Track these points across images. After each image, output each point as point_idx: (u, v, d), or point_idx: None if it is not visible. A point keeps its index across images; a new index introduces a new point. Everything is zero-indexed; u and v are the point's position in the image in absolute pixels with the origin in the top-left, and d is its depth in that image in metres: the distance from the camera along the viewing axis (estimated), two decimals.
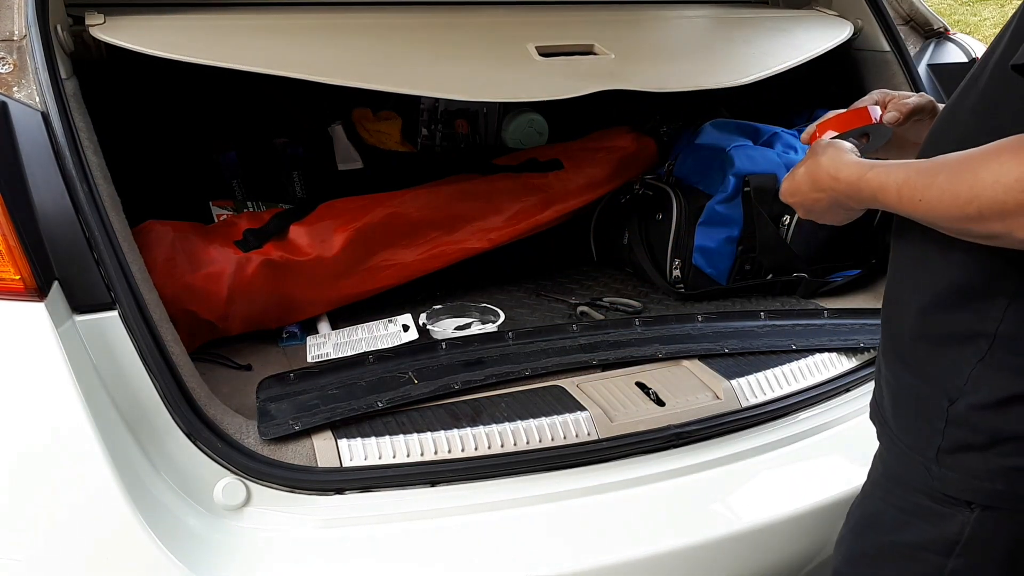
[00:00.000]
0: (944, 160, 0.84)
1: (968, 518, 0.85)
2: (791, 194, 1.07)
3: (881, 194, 0.90)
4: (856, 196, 0.96)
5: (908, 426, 0.93)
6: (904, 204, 0.87)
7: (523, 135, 2.27)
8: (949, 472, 0.86)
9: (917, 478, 0.90)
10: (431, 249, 1.80)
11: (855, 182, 0.95)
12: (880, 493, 0.96)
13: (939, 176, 0.82)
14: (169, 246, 1.57)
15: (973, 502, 0.85)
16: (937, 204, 0.82)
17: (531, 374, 1.44)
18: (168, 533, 1.12)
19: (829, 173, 0.99)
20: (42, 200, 1.16)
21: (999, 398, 0.83)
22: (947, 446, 0.87)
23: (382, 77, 1.46)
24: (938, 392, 0.88)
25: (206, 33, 1.51)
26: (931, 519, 0.88)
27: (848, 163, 0.98)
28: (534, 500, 1.27)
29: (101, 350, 1.16)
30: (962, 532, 0.85)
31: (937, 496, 0.87)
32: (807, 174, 1.03)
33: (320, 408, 1.31)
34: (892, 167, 0.91)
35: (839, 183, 0.98)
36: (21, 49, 1.23)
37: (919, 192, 0.84)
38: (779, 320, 1.66)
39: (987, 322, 0.84)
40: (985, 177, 0.76)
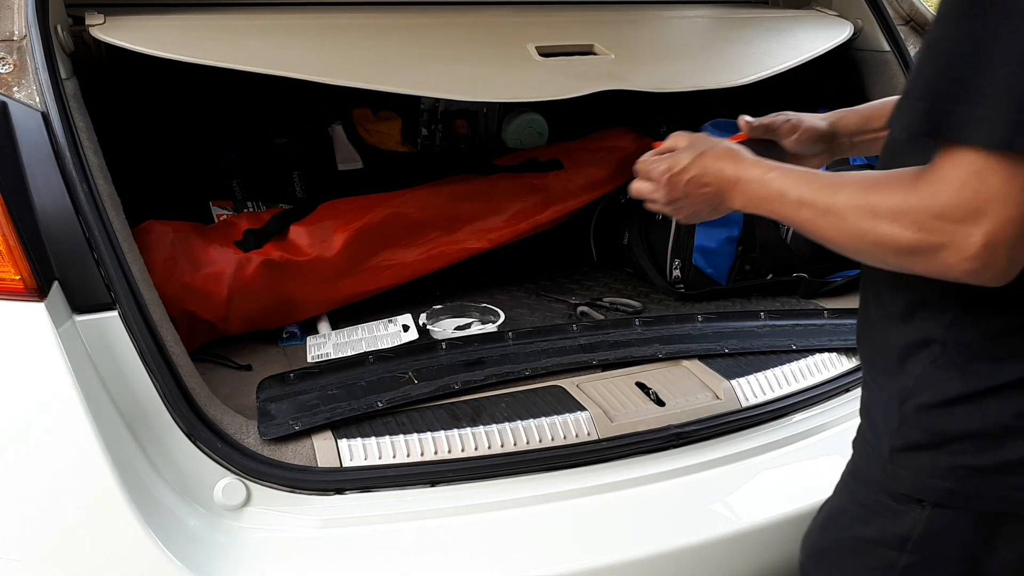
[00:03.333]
0: (848, 180, 0.84)
1: (920, 515, 0.86)
2: (662, 177, 1.06)
3: (779, 200, 0.91)
4: (751, 194, 0.97)
5: (869, 425, 0.95)
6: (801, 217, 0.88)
7: (523, 135, 2.27)
8: (901, 470, 0.88)
9: (875, 475, 0.92)
10: (431, 249, 1.80)
11: (756, 179, 0.95)
12: (845, 489, 0.98)
13: (841, 194, 0.83)
14: (169, 246, 1.57)
15: (925, 500, 0.86)
16: (831, 229, 0.84)
17: (531, 374, 1.44)
18: (168, 533, 1.12)
19: (731, 165, 1.00)
20: (42, 200, 1.16)
21: (946, 398, 0.85)
22: (899, 445, 0.89)
23: (382, 77, 1.45)
24: (892, 393, 0.90)
25: (206, 33, 1.51)
26: (887, 515, 0.89)
27: (751, 161, 0.99)
28: (534, 500, 1.27)
29: (101, 350, 1.16)
30: (914, 529, 0.86)
31: (893, 493, 0.89)
32: (696, 166, 1.03)
33: (320, 408, 1.31)
34: (795, 174, 0.91)
35: (735, 178, 0.98)
36: (21, 49, 1.23)
37: (817, 208, 0.85)
38: (779, 320, 1.66)
39: (937, 330, 0.85)
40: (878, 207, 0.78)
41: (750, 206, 0.99)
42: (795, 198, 0.89)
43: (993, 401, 0.82)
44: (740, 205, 1.01)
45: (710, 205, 1.06)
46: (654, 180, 1.09)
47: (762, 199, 0.95)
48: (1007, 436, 0.82)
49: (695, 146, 1.07)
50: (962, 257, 0.72)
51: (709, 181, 1.03)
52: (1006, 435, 0.82)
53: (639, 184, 1.12)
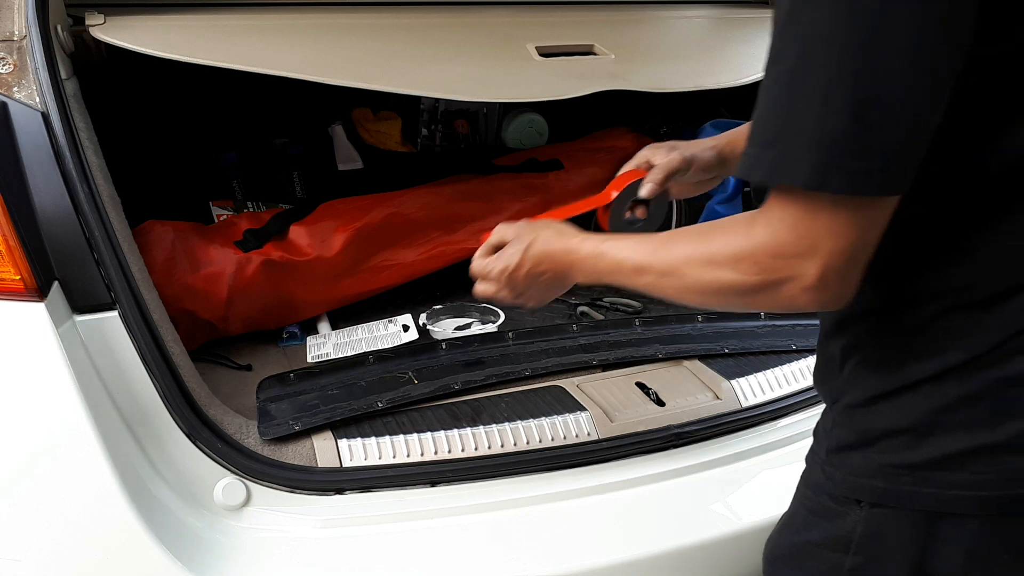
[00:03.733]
0: (681, 236, 0.89)
1: (859, 516, 0.86)
2: (501, 276, 1.12)
3: (618, 271, 0.95)
4: (588, 271, 1.01)
5: (814, 432, 0.97)
6: (644, 283, 0.92)
7: (523, 135, 2.27)
8: (836, 471, 0.89)
9: (817, 478, 0.92)
10: (431, 249, 1.80)
11: (591, 256, 1.00)
12: (797, 494, 0.98)
13: (676, 253, 0.88)
14: (169, 246, 1.57)
15: (862, 500, 0.86)
16: (674, 288, 0.88)
17: (531, 374, 1.44)
18: (168, 533, 1.12)
19: (562, 248, 1.05)
20: (42, 200, 1.16)
21: (869, 396, 0.86)
22: (833, 446, 0.90)
23: (382, 77, 1.45)
24: (827, 397, 0.93)
25: (206, 33, 1.51)
26: (830, 518, 0.90)
27: (580, 237, 1.03)
28: (534, 500, 1.27)
29: (101, 350, 1.16)
30: (855, 530, 0.86)
31: (833, 495, 0.89)
32: (529, 258, 1.09)
33: (320, 408, 1.31)
34: (627, 241, 0.95)
35: (569, 261, 1.04)
36: (21, 49, 1.23)
37: (656, 272, 0.89)
38: (779, 320, 1.66)
39: (864, 335, 0.87)
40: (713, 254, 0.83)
41: (592, 280, 1.03)
42: (632, 266, 0.93)
43: (912, 397, 0.83)
44: (583, 280, 1.06)
45: (555, 287, 1.12)
46: (494, 280, 1.14)
47: (601, 273, 1.00)
48: (930, 432, 0.82)
49: (522, 237, 1.11)
50: (801, 289, 0.77)
51: (545, 268, 1.08)
52: (929, 431, 0.82)
53: (481, 287, 1.17)
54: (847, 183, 0.71)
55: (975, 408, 0.80)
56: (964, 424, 0.80)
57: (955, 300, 0.80)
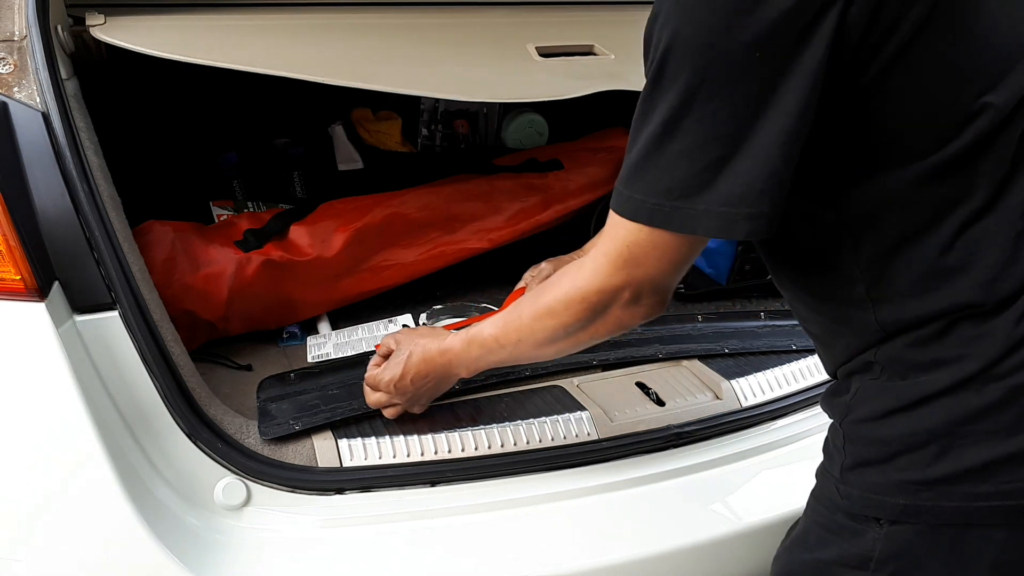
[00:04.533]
0: (525, 300, 1.05)
1: (879, 534, 0.85)
2: (389, 386, 1.25)
3: (485, 353, 1.12)
4: (466, 363, 1.17)
5: (824, 447, 0.96)
6: (506, 355, 1.10)
7: (523, 135, 2.27)
8: (853, 489, 0.88)
9: (831, 496, 0.91)
10: (431, 249, 1.80)
11: (460, 349, 1.16)
12: (808, 511, 0.98)
13: (521, 316, 1.04)
14: (169, 246, 1.57)
15: (881, 518, 0.85)
16: (529, 347, 1.05)
17: (531, 374, 1.44)
18: (168, 533, 1.12)
19: (437, 350, 1.20)
20: (42, 200, 1.16)
21: (884, 411, 0.85)
22: (848, 463, 0.89)
23: (382, 77, 1.45)
24: (837, 412, 0.92)
25: (206, 33, 1.51)
26: (846, 536, 0.88)
27: (451, 336, 1.19)
28: (534, 500, 1.27)
29: (101, 350, 1.16)
30: (874, 548, 0.85)
31: (849, 513, 0.88)
32: (412, 366, 1.22)
33: (320, 408, 1.31)
34: (487, 323, 1.11)
35: (446, 361, 1.19)
36: (21, 49, 1.23)
37: (510, 339, 1.07)
38: (779, 320, 1.66)
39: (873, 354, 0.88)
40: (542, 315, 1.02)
41: (473, 371, 1.19)
42: (491, 343, 1.09)
43: (929, 410, 0.82)
44: (466, 374, 1.21)
45: (441, 387, 1.26)
46: (383, 391, 1.26)
47: (474, 360, 1.15)
48: (951, 445, 0.81)
49: (403, 346, 1.25)
50: (622, 309, 0.92)
51: (427, 372, 1.22)
52: (949, 444, 0.81)
53: (375, 397, 1.27)
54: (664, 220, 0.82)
55: (995, 418, 0.79)
56: (985, 435, 0.79)
57: (960, 314, 0.80)
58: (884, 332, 0.85)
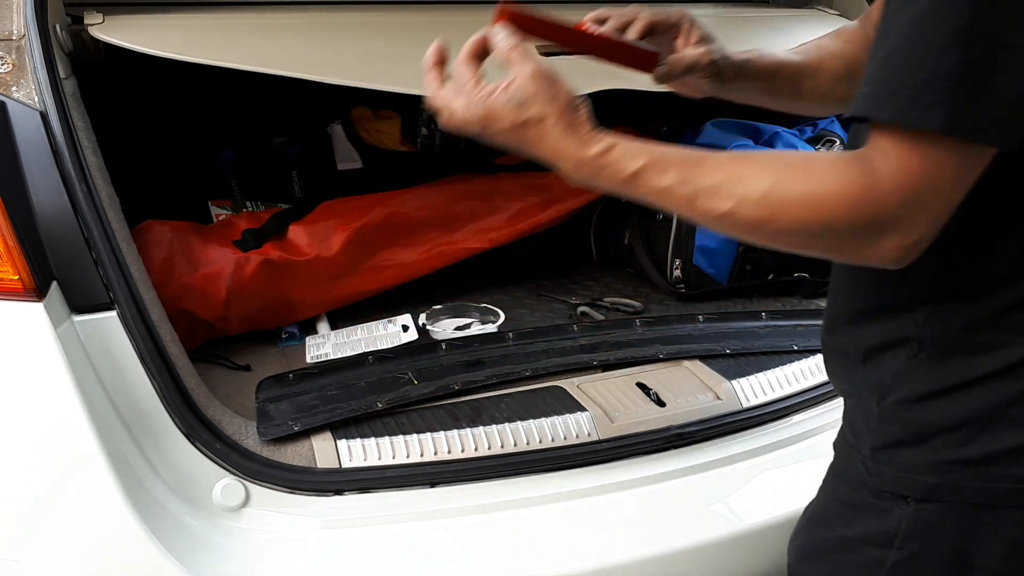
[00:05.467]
0: (760, 159, 0.80)
1: (905, 511, 0.85)
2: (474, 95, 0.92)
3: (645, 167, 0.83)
4: (603, 161, 0.86)
5: (848, 424, 0.94)
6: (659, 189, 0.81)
7: None
8: (884, 467, 0.87)
9: (857, 473, 0.90)
10: (431, 249, 1.79)
11: (604, 144, 0.87)
12: (827, 488, 0.97)
13: (765, 179, 0.76)
14: (168, 246, 1.57)
15: (909, 496, 0.85)
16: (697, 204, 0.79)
17: (531, 375, 1.43)
18: (167, 534, 1.12)
19: (570, 102, 0.90)
20: (41, 200, 1.16)
21: (924, 393, 0.84)
22: (880, 442, 0.88)
23: (382, 77, 1.45)
24: (868, 390, 0.89)
25: (205, 33, 1.51)
26: (871, 513, 0.88)
27: (607, 147, 0.87)
28: (534, 501, 1.26)
29: (100, 350, 1.16)
30: (900, 525, 0.85)
31: (875, 491, 0.88)
32: (515, 138, 0.91)
33: (319, 409, 1.31)
34: (678, 159, 0.83)
35: (578, 119, 0.89)
36: (20, 49, 1.23)
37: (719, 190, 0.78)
38: (780, 320, 1.66)
39: (912, 327, 0.84)
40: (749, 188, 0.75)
41: (586, 168, 0.89)
42: (688, 193, 0.80)
43: (972, 393, 0.81)
44: (570, 163, 0.90)
45: (520, 139, 0.94)
46: (460, 117, 0.94)
47: (612, 161, 0.86)
48: (987, 427, 0.81)
49: (524, 104, 0.93)
50: (901, 245, 0.72)
51: (540, 153, 0.92)
52: (986, 426, 0.81)
53: (444, 90, 0.98)
54: (981, 132, 0.67)
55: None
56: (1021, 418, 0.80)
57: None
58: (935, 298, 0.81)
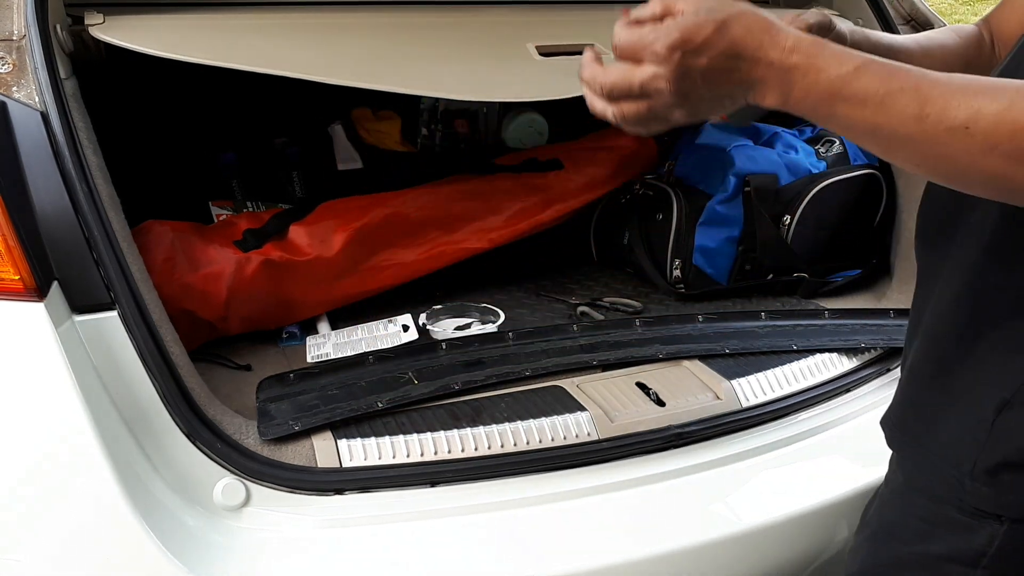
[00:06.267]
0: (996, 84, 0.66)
1: (997, 531, 0.82)
2: (671, 54, 0.71)
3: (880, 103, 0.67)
4: (823, 88, 0.69)
5: (932, 433, 0.88)
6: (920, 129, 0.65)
7: (523, 135, 2.27)
8: (984, 487, 0.83)
9: (946, 490, 0.86)
10: (431, 249, 1.79)
11: (849, 71, 0.68)
12: (900, 503, 0.92)
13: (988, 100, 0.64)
14: (168, 246, 1.57)
15: (1003, 515, 0.82)
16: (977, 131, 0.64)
17: (531, 374, 1.43)
18: (167, 533, 1.12)
19: (778, 42, 0.69)
20: (41, 200, 1.16)
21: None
22: (987, 461, 0.82)
23: (382, 77, 1.45)
24: (978, 403, 0.82)
25: (206, 33, 1.51)
26: (957, 531, 0.84)
27: (813, 39, 0.69)
28: (534, 500, 1.26)
29: (100, 350, 1.16)
30: (991, 544, 0.82)
31: (966, 509, 0.84)
32: (724, 37, 0.70)
33: (320, 408, 1.31)
34: (902, 68, 0.68)
35: (798, 62, 0.69)
36: (20, 49, 1.23)
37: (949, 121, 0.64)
38: (780, 320, 1.66)
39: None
40: None
41: (804, 104, 0.70)
42: (912, 106, 0.65)
43: None
44: (779, 102, 0.71)
45: (731, 97, 0.74)
46: (656, 60, 0.73)
47: (842, 97, 0.68)
48: None
49: (713, 8, 0.71)
50: None
51: (742, 64, 0.71)
52: None
53: (619, 71, 0.78)
54: None
55: None
56: None
57: None
58: None
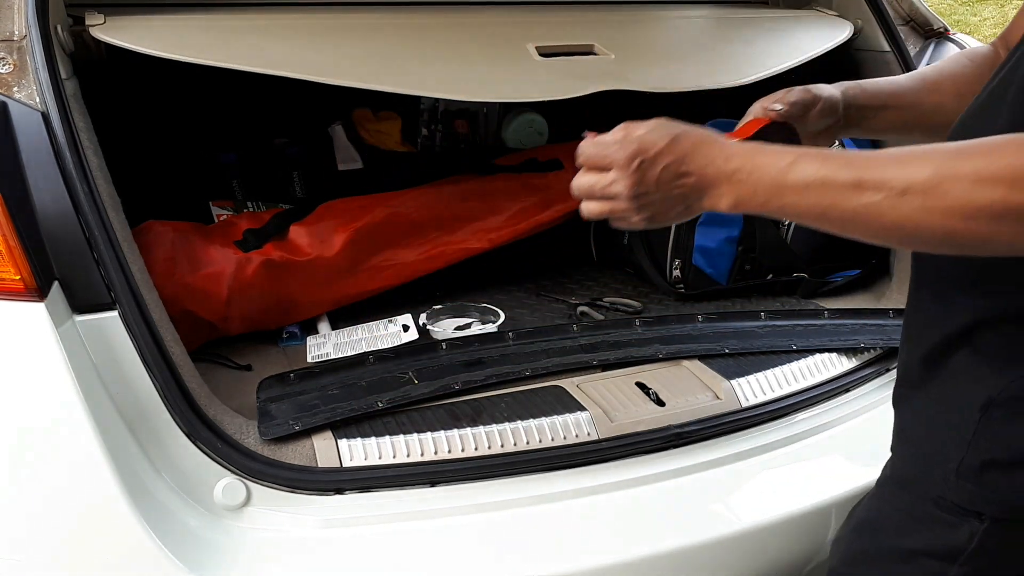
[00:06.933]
0: (928, 151, 0.74)
1: (977, 528, 0.82)
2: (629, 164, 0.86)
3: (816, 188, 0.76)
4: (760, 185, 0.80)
5: (924, 431, 0.89)
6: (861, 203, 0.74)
7: (523, 135, 2.27)
8: (969, 485, 0.83)
9: (930, 486, 0.86)
10: (431, 249, 1.80)
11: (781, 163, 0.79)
12: (886, 496, 0.93)
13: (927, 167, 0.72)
14: (169, 246, 1.57)
15: (985, 513, 0.82)
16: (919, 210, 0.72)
17: (531, 374, 1.43)
18: (168, 533, 1.12)
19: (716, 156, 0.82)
20: (42, 200, 1.16)
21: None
22: (972, 458, 0.83)
23: (382, 77, 1.45)
24: (967, 402, 0.83)
25: (206, 33, 1.51)
26: (937, 527, 0.85)
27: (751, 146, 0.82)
28: (534, 500, 1.27)
29: (101, 350, 1.16)
30: (970, 542, 0.82)
31: (948, 506, 0.84)
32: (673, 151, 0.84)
33: (320, 408, 1.31)
34: (830, 153, 0.78)
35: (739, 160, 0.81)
36: (21, 49, 1.23)
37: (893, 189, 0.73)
38: (779, 320, 1.66)
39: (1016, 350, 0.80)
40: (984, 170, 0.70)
41: (752, 201, 0.81)
42: (848, 180, 0.74)
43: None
44: (731, 202, 0.83)
45: (684, 204, 0.86)
46: (616, 168, 0.87)
47: (784, 188, 0.78)
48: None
49: (665, 126, 0.87)
50: None
51: (691, 170, 0.84)
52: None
53: (587, 178, 0.91)
54: None
55: None
56: None
57: None
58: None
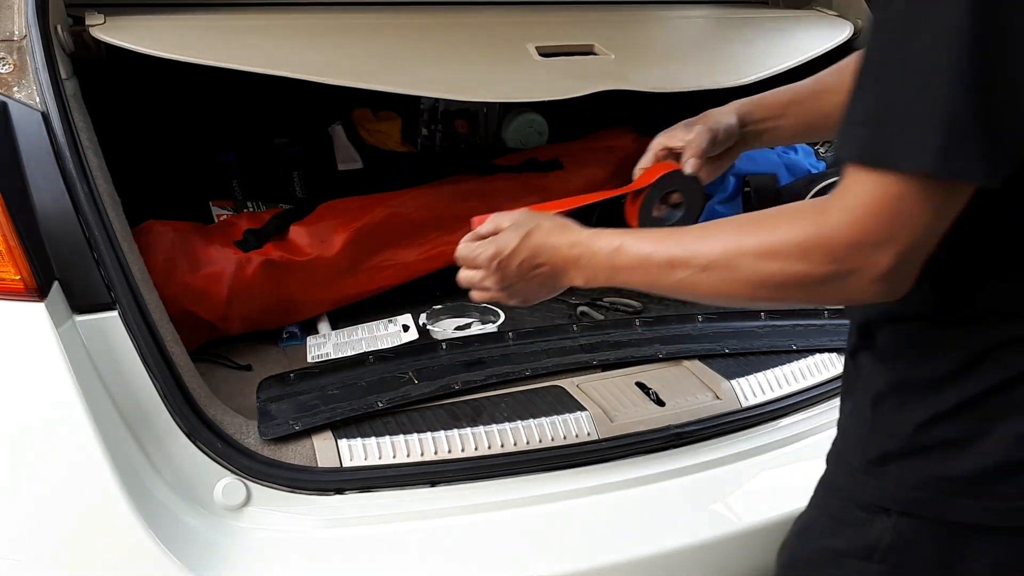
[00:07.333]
0: (722, 227, 0.85)
1: (887, 524, 0.84)
2: (491, 263, 1.04)
3: (640, 267, 0.90)
4: (597, 267, 0.95)
5: (843, 433, 0.93)
6: (674, 279, 0.86)
7: (523, 135, 2.27)
8: (870, 479, 0.86)
9: (844, 485, 0.90)
10: (431, 249, 1.80)
11: (605, 250, 0.94)
12: (817, 500, 0.96)
13: (721, 243, 0.82)
14: (169, 246, 1.57)
15: (891, 509, 0.84)
16: (719, 283, 0.83)
17: (531, 374, 1.44)
18: (168, 533, 1.12)
19: (566, 242, 0.99)
20: (42, 200, 1.16)
21: (923, 410, 0.83)
22: (870, 454, 0.87)
23: (382, 77, 1.45)
24: (861, 400, 0.89)
25: (206, 33, 1.51)
26: (855, 525, 0.87)
27: (589, 232, 0.97)
28: (534, 500, 1.27)
29: (101, 350, 1.16)
30: (881, 538, 0.84)
31: (860, 503, 0.87)
32: (526, 247, 1.02)
33: (320, 408, 1.31)
34: (651, 235, 0.91)
35: (574, 256, 0.98)
36: (21, 49, 1.23)
37: (695, 265, 0.83)
38: (779, 320, 1.66)
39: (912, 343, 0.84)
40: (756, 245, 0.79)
41: (597, 280, 0.97)
42: (664, 260, 0.87)
43: (966, 410, 0.80)
44: (583, 281, 0.99)
45: (547, 287, 1.05)
46: (481, 267, 1.06)
47: (617, 269, 0.93)
48: (977, 445, 0.80)
49: (520, 224, 1.04)
50: (870, 281, 0.73)
51: (543, 261, 1.02)
52: (976, 444, 0.80)
53: (466, 274, 1.09)
54: (961, 168, 0.67)
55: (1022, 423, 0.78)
56: (1012, 438, 0.78)
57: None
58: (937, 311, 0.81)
